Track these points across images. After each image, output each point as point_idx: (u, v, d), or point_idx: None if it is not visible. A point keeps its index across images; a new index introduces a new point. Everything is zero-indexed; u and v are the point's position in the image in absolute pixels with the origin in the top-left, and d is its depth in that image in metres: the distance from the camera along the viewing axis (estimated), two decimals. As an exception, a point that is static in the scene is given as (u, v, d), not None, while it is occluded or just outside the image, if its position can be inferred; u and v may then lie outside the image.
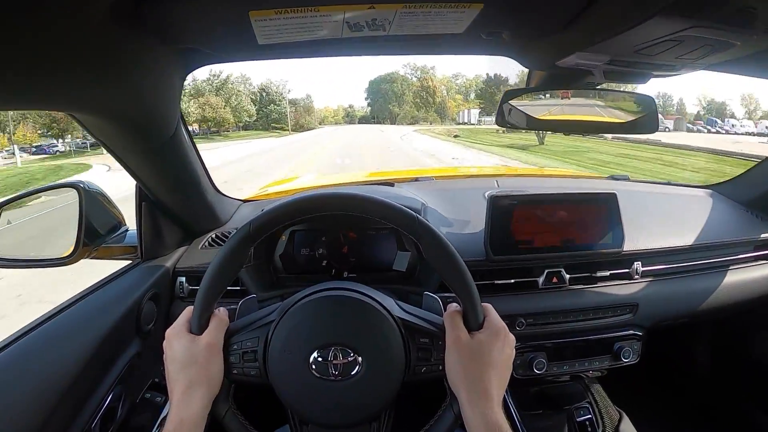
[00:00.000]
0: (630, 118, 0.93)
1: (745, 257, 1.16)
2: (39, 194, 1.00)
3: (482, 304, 0.60)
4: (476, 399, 0.54)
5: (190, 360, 0.56)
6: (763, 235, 1.17)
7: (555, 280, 0.99)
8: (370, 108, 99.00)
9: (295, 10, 0.52)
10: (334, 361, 0.57)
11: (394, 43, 0.70)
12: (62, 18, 0.40)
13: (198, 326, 0.58)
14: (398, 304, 0.63)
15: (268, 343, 0.58)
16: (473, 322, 0.58)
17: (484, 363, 0.55)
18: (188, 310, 0.60)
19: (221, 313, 0.61)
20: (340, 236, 1.01)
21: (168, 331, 0.60)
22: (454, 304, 0.61)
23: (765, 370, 1.29)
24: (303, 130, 62.54)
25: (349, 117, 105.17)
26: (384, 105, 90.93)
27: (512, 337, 0.60)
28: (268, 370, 0.58)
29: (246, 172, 12.99)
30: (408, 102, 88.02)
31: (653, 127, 0.93)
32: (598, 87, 0.93)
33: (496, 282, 0.97)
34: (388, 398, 0.58)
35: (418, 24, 0.59)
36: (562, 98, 0.93)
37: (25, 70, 0.43)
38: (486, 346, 0.57)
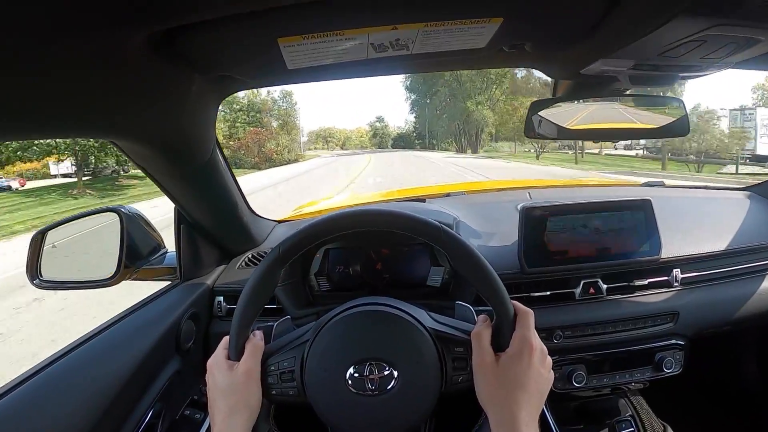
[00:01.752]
0: (661, 122, 0.93)
1: None
2: (82, 218, 1.05)
3: (520, 312, 0.58)
4: (502, 423, 0.53)
5: (230, 388, 0.58)
6: None
7: (592, 290, 0.97)
8: (416, 120, 71.98)
9: (322, 35, 0.54)
10: (370, 376, 0.57)
11: (418, 61, 0.72)
12: (103, 50, 0.42)
13: (236, 352, 0.60)
14: (430, 315, 0.63)
15: (305, 362, 0.59)
16: (504, 338, 0.56)
17: (510, 386, 0.54)
18: (226, 339, 0.62)
19: (256, 338, 0.62)
20: (374, 253, 1.02)
21: (209, 362, 0.62)
22: (481, 317, 0.60)
23: None
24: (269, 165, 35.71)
25: (379, 137, 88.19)
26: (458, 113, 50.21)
27: (545, 356, 0.57)
28: (306, 388, 0.58)
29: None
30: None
31: (684, 130, 0.92)
32: (626, 93, 0.92)
33: (532, 294, 0.96)
34: (426, 410, 0.58)
35: (441, 41, 0.60)
36: (590, 106, 0.93)
37: (68, 100, 0.46)
38: (513, 368, 0.55)
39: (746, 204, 1.25)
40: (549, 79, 0.94)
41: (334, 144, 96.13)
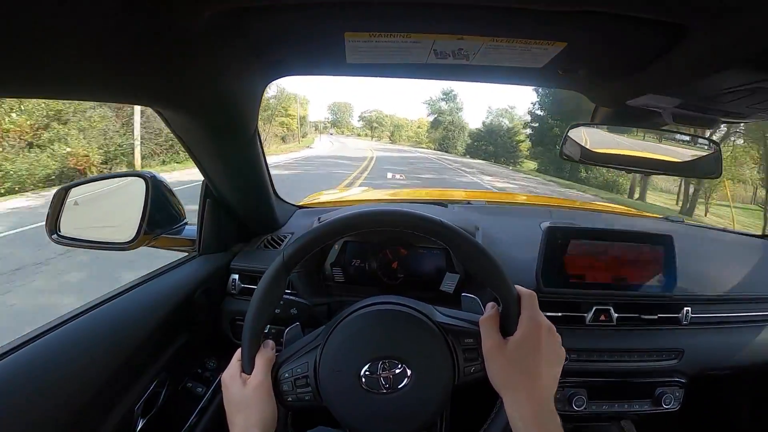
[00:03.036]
0: (693, 161, 0.93)
1: None
2: (108, 180, 1.06)
3: (523, 295, 0.58)
4: (519, 404, 0.54)
5: (244, 403, 0.59)
6: None
7: (603, 317, 0.97)
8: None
9: (389, 34, 0.55)
10: (383, 375, 0.57)
11: (473, 71, 0.73)
12: (166, 20, 0.43)
13: (248, 365, 0.60)
14: (437, 309, 0.64)
15: (318, 365, 0.59)
16: (511, 323, 0.57)
17: (522, 367, 0.55)
18: (239, 352, 0.62)
19: (267, 348, 0.62)
20: (391, 252, 1.03)
21: (224, 375, 0.62)
22: (490, 305, 0.61)
23: None
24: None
25: (444, 130, 58.10)
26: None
27: (553, 332, 0.58)
28: (321, 391, 0.59)
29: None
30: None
31: (716, 173, 0.92)
32: (664, 128, 0.92)
33: (544, 314, 0.96)
34: (440, 405, 0.59)
35: (502, 57, 0.61)
36: (625, 134, 0.94)
37: (122, 65, 0.47)
38: (523, 349, 0.55)
39: (763, 252, 1.25)
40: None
41: (380, 133, 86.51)
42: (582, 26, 0.51)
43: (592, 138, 0.95)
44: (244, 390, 0.59)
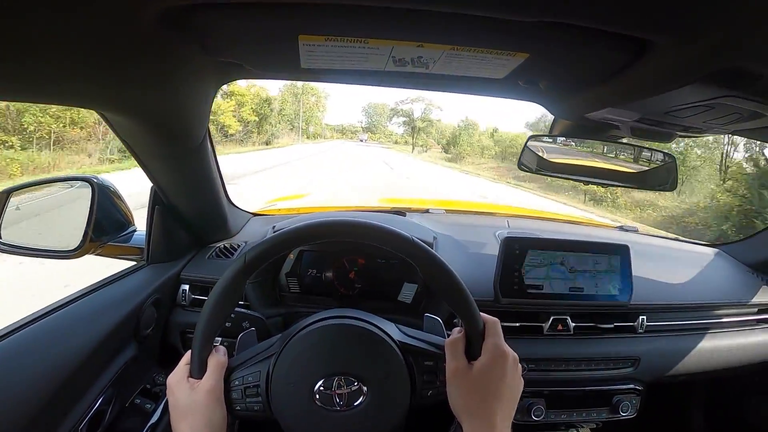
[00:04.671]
0: (649, 173, 0.94)
1: (747, 320, 1.16)
2: (51, 184, 1.00)
3: (488, 322, 0.58)
4: (478, 429, 0.53)
5: (191, 408, 0.56)
6: (766, 299, 1.17)
7: (560, 327, 0.98)
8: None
9: (346, 39, 0.52)
10: (338, 391, 0.56)
11: (434, 80, 0.71)
12: (110, 19, 0.41)
13: (198, 369, 0.57)
14: (399, 328, 0.63)
15: (271, 376, 0.57)
16: (475, 348, 0.57)
17: (484, 393, 0.54)
18: (187, 355, 0.60)
19: (219, 353, 0.60)
20: (348, 261, 1.01)
21: (169, 379, 0.59)
22: (456, 329, 0.60)
23: None
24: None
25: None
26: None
27: (517, 363, 0.58)
28: (272, 403, 0.57)
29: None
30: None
31: (671, 186, 0.94)
32: (620, 141, 0.93)
33: (501, 324, 0.96)
34: (395, 426, 0.58)
35: (462, 66, 0.60)
36: (582, 146, 0.94)
37: (63, 66, 0.44)
38: (486, 375, 0.55)
39: (713, 261, 1.29)
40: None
41: (426, 139, 55.27)
42: (544, 37, 0.50)
43: (549, 149, 0.95)
44: (193, 394, 0.56)
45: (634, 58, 0.53)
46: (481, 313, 0.58)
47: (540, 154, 0.93)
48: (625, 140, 0.94)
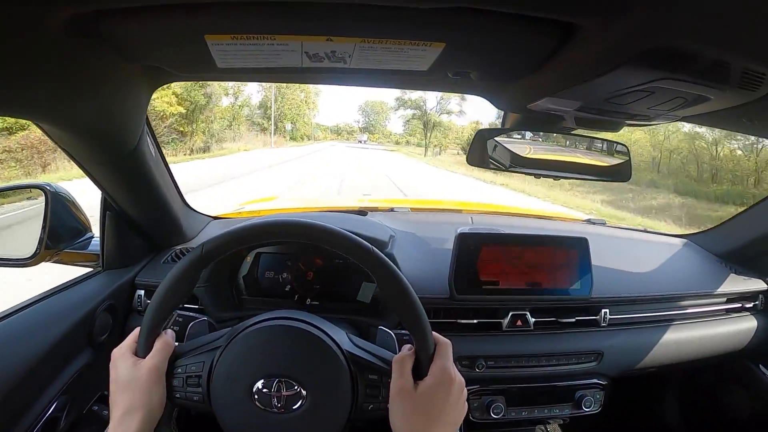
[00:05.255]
0: (604, 164, 0.93)
1: (716, 310, 1.15)
2: (4, 192, 1.00)
3: (440, 343, 0.58)
4: None
5: (131, 383, 0.55)
6: (735, 289, 1.16)
7: (519, 323, 0.97)
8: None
9: (252, 37, 0.52)
10: (278, 393, 0.55)
11: (357, 75, 0.71)
12: (18, 29, 0.40)
13: (143, 349, 0.57)
14: (350, 338, 0.62)
15: (213, 368, 0.57)
16: (423, 368, 0.56)
17: (427, 416, 0.54)
18: (136, 332, 0.60)
19: (167, 336, 0.60)
20: (306, 262, 1.00)
21: (114, 351, 0.59)
22: (407, 347, 0.59)
23: (734, 426, 1.26)
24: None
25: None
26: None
27: (462, 388, 0.58)
28: (211, 396, 0.57)
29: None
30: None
31: (627, 176, 0.93)
32: (572, 133, 0.92)
33: (459, 321, 0.96)
34: None
35: (380, 59, 0.59)
36: (535, 139, 0.93)
37: None
38: (431, 397, 0.55)
39: (681, 251, 1.28)
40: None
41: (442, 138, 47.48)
42: (460, 26, 0.49)
43: (516, 144, 0.93)
44: (135, 370, 0.56)
45: (560, 43, 0.52)
46: (434, 333, 0.58)
47: (514, 150, 0.91)
48: (577, 132, 0.93)
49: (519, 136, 0.93)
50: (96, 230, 1.00)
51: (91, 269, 0.97)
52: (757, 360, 1.19)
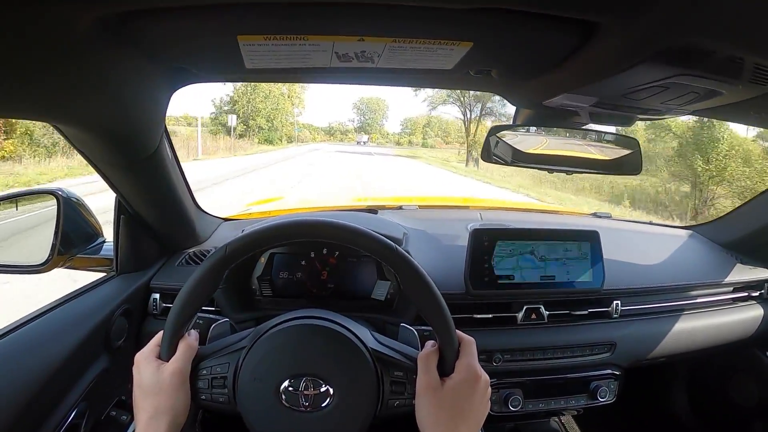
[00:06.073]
0: (614, 158, 0.94)
1: (723, 299, 1.17)
2: (16, 199, 0.99)
3: (464, 341, 0.58)
4: None
5: (156, 387, 0.55)
6: (741, 278, 1.18)
7: (534, 316, 0.98)
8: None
9: (285, 37, 0.52)
10: (305, 392, 0.56)
11: (383, 75, 0.71)
12: (46, 30, 0.40)
13: (167, 352, 0.57)
14: (373, 335, 0.63)
15: (239, 369, 0.57)
16: (448, 365, 0.57)
17: (453, 413, 0.55)
18: (159, 335, 0.59)
19: (191, 338, 0.60)
20: (320, 262, 1.00)
21: (137, 356, 0.59)
22: (430, 343, 0.60)
23: (742, 413, 1.29)
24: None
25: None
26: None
27: (488, 386, 0.59)
28: (237, 397, 0.57)
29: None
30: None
31: (636, 169, 0.94)
32: (583, 128, 0.93)
33: (474, 316, 0.97)
34: (359, 431, 0.57)
35: (407, 58, 0.60)
36: (547, 134, 0.94)
37: (7, 78, 0.43)
38: (457, 394, 0.55)
39: (687, 243, 1.30)
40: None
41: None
42: (488, 25, 0.50)
43: (519, 139, 0.95)
44: (159, 374, 0.56)
45: (582, 41, 0.53)
46: (457, 331, 0.58)
47: (514, 145, 0.92)
48: (588, 127, 0.94)
49: (527, 132, 0.95)
50: (107, 234, 1.00)
51: (104, 274, 0.97)
52: (763, 348, 1.22)
